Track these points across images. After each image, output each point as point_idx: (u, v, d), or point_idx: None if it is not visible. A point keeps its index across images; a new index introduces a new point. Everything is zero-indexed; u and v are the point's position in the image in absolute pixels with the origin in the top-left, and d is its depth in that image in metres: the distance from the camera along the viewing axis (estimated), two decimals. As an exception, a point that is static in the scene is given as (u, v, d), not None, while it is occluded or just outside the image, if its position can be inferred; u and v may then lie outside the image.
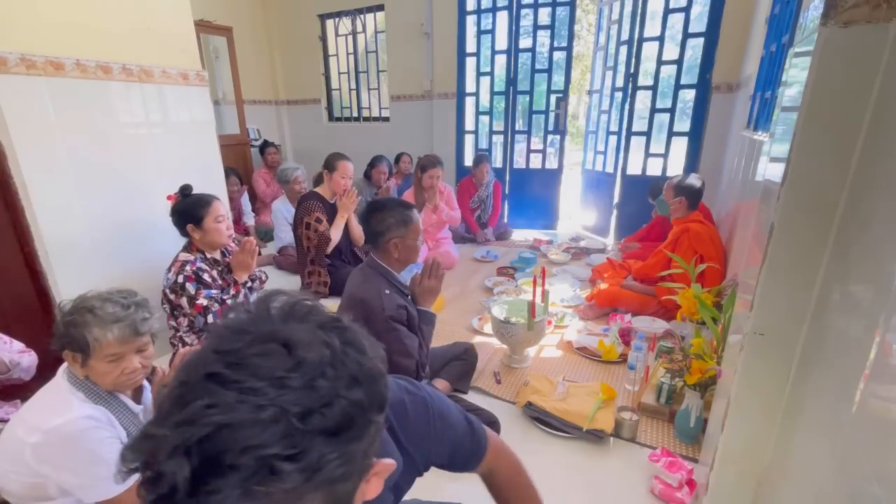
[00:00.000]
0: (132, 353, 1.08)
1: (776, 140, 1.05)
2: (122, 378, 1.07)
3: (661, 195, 2.82)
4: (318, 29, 5.23)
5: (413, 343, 1.50)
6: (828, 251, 0.82)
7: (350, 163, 2.84)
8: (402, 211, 1.58)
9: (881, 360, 0.62)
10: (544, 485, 1.42)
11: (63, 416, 0.99)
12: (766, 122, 2.21)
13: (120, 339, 1.04)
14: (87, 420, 1.00)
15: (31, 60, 1.63)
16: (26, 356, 1.43)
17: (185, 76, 2.19)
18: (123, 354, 1.06)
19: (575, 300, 2.69)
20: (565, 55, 4.08)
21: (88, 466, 1.00)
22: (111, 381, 1.07)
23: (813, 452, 0.80)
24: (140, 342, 1.09)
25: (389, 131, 5.12)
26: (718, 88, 3.46)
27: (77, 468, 0.99)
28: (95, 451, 1.00)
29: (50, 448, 0.97)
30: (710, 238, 2.35)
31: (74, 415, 1.00)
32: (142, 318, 1.09)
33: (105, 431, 1.03)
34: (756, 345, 0.92)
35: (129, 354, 1.08)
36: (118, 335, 1.04)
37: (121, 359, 1.06)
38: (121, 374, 1.07)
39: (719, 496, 1.07)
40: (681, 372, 1.55)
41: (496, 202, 4.09)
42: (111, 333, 1.03)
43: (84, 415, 1.01)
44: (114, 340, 1.03)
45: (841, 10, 0.72)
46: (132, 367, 1.08)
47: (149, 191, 2.07)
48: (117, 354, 1.05)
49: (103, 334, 1.02)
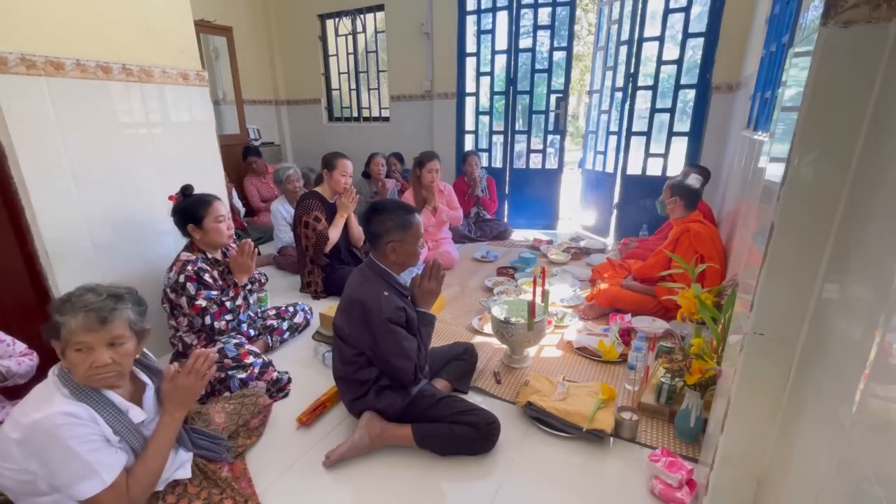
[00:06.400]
0: (102, 346, 1.04)
1: (776, 140, 1.05)
2: (91, 372, 1.03)
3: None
4: (318, 29, 5.23)
5: (412, 345, 1.50)
6: (828, 251, 0.82)
7: (349, 161, 2.84)
8: (403, 215, 1.56)
9: (881, 360, 0.62)
10: (544, 485, 1.43)
11: (42, 412, 0.98)
12: (766, 122, 2.21)
13: (84, 326, 1.01)
14: (64, 416, 0.99)
15: (31, 60, 1.63)
16: (26, 360, 1.43)
17: (185, 76, 2.19)
18: (92, 346, 1.03)
19: (575, 300, 2.69)
20: (565, 55, 4.08)
21: (65, 463, 0.98)
22: (81, 373, 1.04)
23: (813, 452, 0.80)
24: (110, 334, 1.05)
25: (389, 131, 5.12)
26: (718, 88, 3.46)
27: (53, 465, 0.98)
28: (72, 449, 0.98)
29: (31, 444, 0.97)
30: (711, 238, 2.35)
31: (53, 410, 0.98)
32: (111, 308, 1.05)
33: (85, 428, 1.01)
34: (756, 345, 0.92)
35: (99, 347, 1.04)
36: (82, 322, 1.01)
37: (90, 350, 1.03)
38: (89, 368, 1.03)
39: (719, 496, 1.07)
40: (681, 372, 1.55)
41: (492, 195, 4.26)
42: (75, 320, 1.01)
43: (62, 411, 0.99)
44: (78, 328, 1.01)
45: (841, 10, 0.72)
46: (101, 360, 1.03)
47: (149, 191, 2.07)
48: (84, 344, 1.02)
49: (68, 320, 1.01)
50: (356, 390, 1.58)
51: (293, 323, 2.34)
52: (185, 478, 1.25)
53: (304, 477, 1.46)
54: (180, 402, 1.23)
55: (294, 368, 2.01)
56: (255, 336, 2.17)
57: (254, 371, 1.82)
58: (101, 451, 1.04)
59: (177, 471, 1.24)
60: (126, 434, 1.10)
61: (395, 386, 1.57)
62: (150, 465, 1.14)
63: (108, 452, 1.06)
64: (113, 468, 1.05)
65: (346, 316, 1.55)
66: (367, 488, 1.42)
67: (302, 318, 2.40)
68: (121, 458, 1.09)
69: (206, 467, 1.32)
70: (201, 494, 1.24)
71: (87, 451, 1.01)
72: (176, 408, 1.22)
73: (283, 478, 1.45)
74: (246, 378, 1.79)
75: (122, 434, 1.09)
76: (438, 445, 1.52)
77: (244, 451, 1.53)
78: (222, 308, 1.87)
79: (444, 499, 1.39)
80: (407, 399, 1.56)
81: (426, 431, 1.52)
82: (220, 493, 1.26)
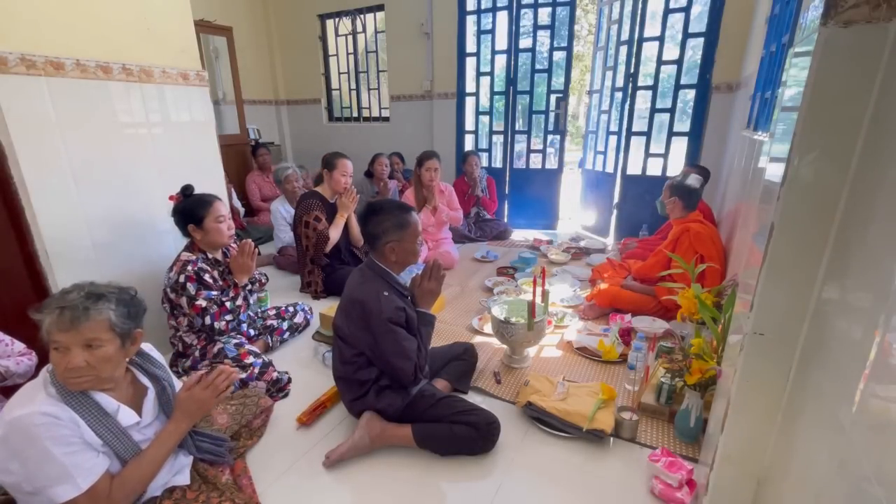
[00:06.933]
0: (77, 347, 1.00)
1: (776, 140, 1.05)
2: (66, 374, 1.00)
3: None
4: (318, 29, 5.23)
5: (411, 345, 1.50)
6: (828, 251, 0.82)
7: (349, 161, 2.84)
8: (400, 214, 1.56)
9: (881, 360, 0.62)
10: (544, 484, 1.43)
11: (23, 409, 0.96)
12: (766, 122, 2.21)
13: (56, 325, 0.98)
14: (43, 416, 0.96)
15: (31, 60, 1.63)
16: (25, 360, 1.43)
17: (185, 76, 2.19)
18: (67, 346, 0.99)
19: (575, 300, 2.69)
20: (565, 55, 4.08)
21: (41, 465, 0.96)
22: (59, 373, 1.01)
23: (813, 452, 0.80)
24: (83, 336, 1.00)
25: (389, 131, 5.12)
26: (718, 88, 3.46)
27: (30, 465, 0.95)
28: (49, 450, 0.95)
29: (11, 442, 0.95)
30: (711, 238, 2.35)
31: (33, 409, 0.96)
32: (84, 308, 1.00)
33: (64, 430, 0.98)
34: (756, 345, 0.92)
35: (74, 348, 1.00)
36: (55, 321, 0.98)
37: (65, 351, 1.00)
38: (64, 370, 1.00)
39: (719, 496, 1.07)
40: (681, 372, 1.55)
41: (492, 195, 4.27)
42: (50, 318, 0.99)
43: (42, 411, 0.96)
44: (51, 327, 0.99)
45: (841, 10, 0.72)
46: (73, 362, 0.99)
47: (149, 191, 2.07)
48: (58, 343, 0.99)
49: (45, 318, 0.99)
50: (356, 390, 1.58)
51: (293, 323, 2.34)
52: (183, 484, 1.22)
53: (303, 477, 1.46)
54: (190, 413, 1.21)
55: (294, 368, 2.01)
56: (255, 336, 2.17)
57: (254, 371, 1.82)
58: (79, 454, 1.00)
59: (175, 476, 1.23)
60: (110, 439, 1.06)
61: (395, 386, 1.57)
62: (143, 471, 1.11)
63: (87, 456, 1.02)
64: (90, 473, 1.01)
65: (346, 316, 1.55)
66: (367, 488, 1.42)
67: (302, 318, 2.40)
68: (101, 462, 1.04)
69: (207, 472, 1.30)
70: (199, 499, 1.21)
71: (64, 453, 0.97)
72: (185, 418, 1.20)
73: (282, 478, 1.45)
74: (246, 378, 1.79)
75: (106, 439, 1.05)
76: (438, 445, 1.52)
77: (245, 452, 1.53)
78: (222, 308, 1.87)
79: (444, 499, 1.39)
80: (407, 399, 1.56)
81: (426, 431, 1.52)
82: (219, 497, 1.23)
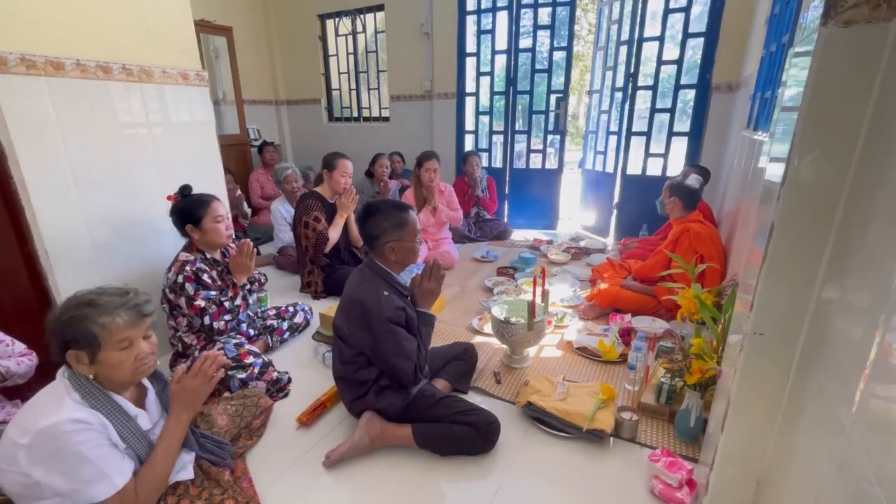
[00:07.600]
0: (140, 339, 1.10)
1: (776, 140, 1.05)
2: (136, 365, 1.09)
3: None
4: (318, 29, 5.23)
5: (411, 345, 1.50)
6: (828, 251, 0.82)
7: (349, 161, 2.84)
8: (397, 214, 1.56)
9: (881, 360, 0.62)
10: (544, 485, 1.43)
11: (50, 418, 0.98)
12: (766, 122, 2.21)
13: (129, 322, 1.06)
14: (74, 423, 0.99)
15: (31, 60, 1.63)
16: (25, 361, 1.43)
17: (185, 76, 2.19)
18: (133, 340, 1.08)
19: (575, 300, 2.69)
20: (565, 55, 4.08)
21: (76, 468, 0.99)
22: (128, 369, 1.08)
23: (813, 452, 0.80)
24: (146, 326, 1.11)
25: (389, 131, 5.12)
26: (718, 88, 3.46)
27: (65, 470, 0.98)
28: (82, 454, 0.99)
29: (39, 450, 0.97)
30: (711, 238, 2.35)
31: (62, 417, 0.98)
32: (144, 300, 1.11)
33: (94, 433, 1.01)
34: (756, 345, 0.92)
35: (138, 340, 1.09)
36: (127, 319, 1.05)
37: (132, 345, 1.08)
38: (135, 361, 1.08)
39: (719, 496, 1.07)
40: (681, 372, 1.55)
41: (492, 195, 4.28)
42: (120, 318, 1.04)
43: (72, 418, 0.99)
44: (123, 325, 1.05)
45: (841, 10, 0.72)
46: (143, 352, 1.10)
47: (149, 191, 2.07)
48: (128, 339, 1.07)
49: (111, 320, 1.03)
50: (356, 390, 1.58)
51: (293, 323, 2.34)
52: (186, 479, 1.24)
53: (304, 477, 1.46)
54: (187, 404, 1.22)
55: (294, 368, 2.01)
56: (254, 336, 2.17)
57: (254, 371, 1.81)
58: (111, 456, 1.05)
59: (179, 472, 1.24)
60: (133, 441, 1.10)
61: (395, 386, 1.57)
62: (158, 469, 1.14)
63: (118, 458, 1.06)
64: (123, 473, 1.06)
65: (346, 316, 1.55)
66: (367, 488, 1.42)
67: (302, 318, 2.40)
68: (129, 463, 1.09)
69: (210, 469, 1.31)
70: (202, 495, 1.23)
71: (98, 455, 1.01)
72: (183, 410, 1.22)
73: (283, 478, 1.45)
74: (246, 378, 1.79)
75: (129, 441, 1.09)
76: (438, 445, 1.52)
77: (244, 452, 1.53)
78: (221, 308, 1.87)
79: (444, 499, 1.39)
80: (407, 399, 1.56)
81: (426, 431, 1.52)
82: (221, 494, 1.26)
